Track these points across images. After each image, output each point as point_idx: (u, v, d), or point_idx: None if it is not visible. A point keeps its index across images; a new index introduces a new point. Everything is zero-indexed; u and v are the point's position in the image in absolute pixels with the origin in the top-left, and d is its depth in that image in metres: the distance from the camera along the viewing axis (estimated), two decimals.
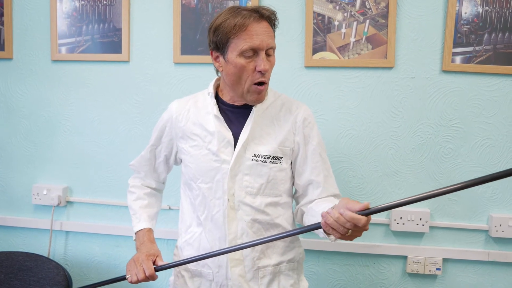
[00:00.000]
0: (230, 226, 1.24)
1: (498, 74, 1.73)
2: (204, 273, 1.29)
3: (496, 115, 1.75)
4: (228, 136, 1.24)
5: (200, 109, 1.31)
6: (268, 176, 1.24)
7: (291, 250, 1.32)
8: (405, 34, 1.76)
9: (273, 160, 1.24)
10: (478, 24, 1.71)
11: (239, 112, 1.27)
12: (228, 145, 1.24)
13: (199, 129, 1.28)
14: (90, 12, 1.92)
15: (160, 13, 1.88)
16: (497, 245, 1.80)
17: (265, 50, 1.16)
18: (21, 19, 1.98)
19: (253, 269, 1.26)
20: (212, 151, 1.25)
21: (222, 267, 1.26)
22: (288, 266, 1.31)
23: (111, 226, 2.00)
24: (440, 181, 1.79)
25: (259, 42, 1.14)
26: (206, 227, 1.28)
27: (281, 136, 1.26)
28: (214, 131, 1.25)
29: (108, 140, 1.97)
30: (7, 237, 2.10)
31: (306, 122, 1.28)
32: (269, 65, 1.18)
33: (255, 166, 1.23)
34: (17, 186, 2.06)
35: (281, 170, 1.26)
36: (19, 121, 2.03)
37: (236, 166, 1.23)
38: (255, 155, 1.23)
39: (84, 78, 1.97)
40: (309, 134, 1.28)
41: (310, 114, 1.31)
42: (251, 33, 1.14)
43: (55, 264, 1.82)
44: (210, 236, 1.27)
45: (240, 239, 1.24)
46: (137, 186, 1.47)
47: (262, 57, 1.16)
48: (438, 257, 1.80)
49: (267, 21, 1.18)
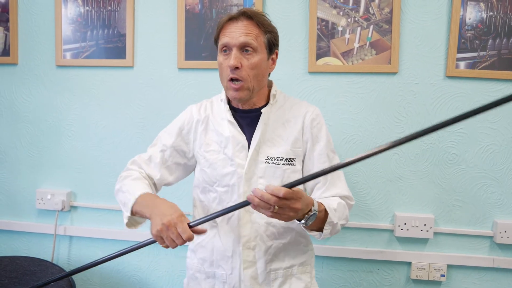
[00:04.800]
0: (244, 228, 1.25)
1: (503, 80, 1.72)
2: (217, 274, 1.29)
3: (501, 120, 1.74)
4: (242, 141, 1.26)
5: (215, 114, 1.33)
6: (282, 178, 1.24)
7: (304, 253, 1.32)
8: (409, 40, 1.76)
9: (286, 162, 1.24)
10: (482, 29, 1.71)
11: (249, 117, 1.28)
12: (243, 149, 1.25)
13: (216, 134, 1.30)
14: (94, 17, 1.93)
15: (164, 18, 1.89)
16: (502, 252, 1.78)
17: (242, 48, 1.19)
18: (26, 24, 2.00)
19: (265, 271, 1.26)
20: (228, 155, 1.26)
21: (235, 269, 1.26)
22: (300, 269, 1.31)
23: (115, 231, 2.00)
24: (444, 186, 1.78)
25: (229, 39, 1.19)
26: (221, 229, 1.28)
27: (292, 137, 1.26)
28: (229, 136, 1.27)
29: (112, 145, 1.98)
30: (11, 242, 2.11)
31: (314, 122, 1.28)
32: (237, 62, 1.18)
33: (268, 168, 1.24)
34: (21, 191, 2.07)
35: (294, 171, 1.26)
36: (24, 126, 2.04)
37: (250, 169, 1.24)
38: (268, 158, 1.24)
39: (89, 83, 1.98)
40: (317, 135, 1.28)
41: (318, 115, 1.31)
42: (225, 31, 1.21)
43: (58, 269, 1.82)
44: (225, 238, 1.27)
45: (254, 242, 1.25)
46: (133, 172, 1.32)
47: (233, 53, 1.19)
48: (442, 263, 1.79)
49: (247, 19, 1.20)
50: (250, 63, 1.20)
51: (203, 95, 1.90)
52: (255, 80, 1.22)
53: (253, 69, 1.20)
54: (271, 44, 1.25)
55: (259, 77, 1.23)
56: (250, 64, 1.20)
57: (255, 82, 1.22)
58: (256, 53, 1.21)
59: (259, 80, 1.24)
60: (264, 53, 1.23)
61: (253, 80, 1.21)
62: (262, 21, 1.22)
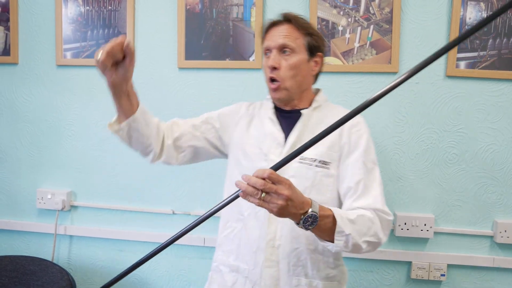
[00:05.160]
0: (270, 226, 1.23)
1: (503, 79, 1.72)
2: (241, 269, 1.28)
3: (501, 120, 1.74)
4: (279, 138, 1.26)
5: (261, 112, 1.36)
6: (314, 179, 1.22)
7: (334, 267, 1.26)
8: (409, 39, 1.76)
9: (320, 164, 1.22)
10: (483, 29, 1.71)
11: (290, 117, 1.29)
12: (279, 146, 1.26)
13: (256, 130, 1.32)
14: (95, 17, 1.93)
15: (165, 18, 1.89)
16: (502, 251, 1.78)
17: (281, 49, 1.24)
18: (27, 24, 2.00)
19: (288, 274, 1.23)
20: (263, 151, 1.27)
21: (257, 266, 1.24)
22: (326, 284, 1.25)
23: (115, 231, 2.00)
24: (445, 186, 1.78)
25: (270, 42, 1.26)
26: (248, 224, 1.26)
27: (329, 140, 1.23)
28: (268, 133, 1.28)
29: (112, 145, 1.98)
30: (11, 241, 2.11)
31: (354, 129, 1.25)
32: (275, 62, 1.23)
33: (301, 168, 1.22)
34: (22, 191, 2.07)
35: (327, 175, 1.23)
36: (24, 125, 2.04)
37: (282, 167, 1.22)
38: (302, 157, 1.22)
39: (89, 83, 1.97)
40: (356, 142, 1.24)
41: (360, 122, 1.27)
42: (268, 36, 1.29)
43: (59, 269, 1.83)
44: (251, 233, 1.25)
45: (278, 241, 1.22)
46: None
47: (272, 55, 1.25)
48: (442, 263, 1.79)
49: (287, 23, 1.26)
50: (288, 63, 1.23)
51: (203, 95, 1.90)
52: (293, 81, 1.24)
53: (291, 70, 1.23)
54: (311, 47, 1.26)
55: (298, 78, 1.25)
56: (288, 64, 1.23)
57: (294, 82, 1.24)
58: (295, 54, 1.23)
59: (299, 81, 1.25)
60: (303, 55, 1.25)
61: (291, 81, 1.24)
62: (301, 24, 1.26)
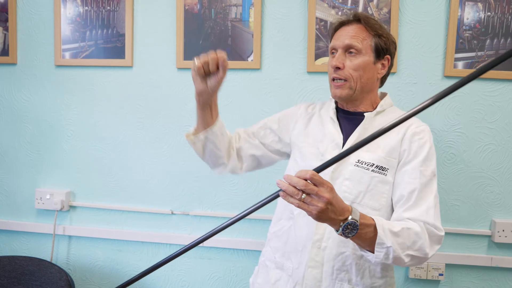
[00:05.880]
0: (318, 226, 1.20)
1: (501, 80, 1.73)
2: (285, 266, 1.27)
3: (499, 120, 1.75)
4: (337, 139, 1.25)
5: (322, 112, 1.35)
6: (369, 184, 1.18)
7: (380, 278, 1.22)
8: (407, 40, 1.77)
9: (377, 169, 1.19)
10: (480, 29, 1.72)
11: (352, 119, 1.27)
12: (336, 147, 1.24)
13: (315, 129, 1.32)
14: (93, 17, 1.93)
15: (164, 18, 1.90)
16: (500, 251, 1.79)
17: (347, 49, 1.23)
18: (25, 24, 2.00)
19: (332, 277, 1.20)
20: (320, 150, 1.26)
21: (301, 265, 1.22)
22: None
23: (114, 231, 2.00)
24: (443, 186, 1.79)
25: (337, 42, 1.25)
26: (297, 222, 1.25)
27: (389, 146, 1.20)
28: (327, 133, 1.27)
29: (111, 145, 1.98)
30: (10, 242, 2.11)
31: (416, 136, 1.20)
32: (339, 62, 1.22)
33: (356, 171, 1.19)
34: (20, 191, 2.07)
35: (383, 182, 1.18)
36: (23, 125, 2.04)
37: (338, 169, 1.21)
38: (359, 161, 1.20)
39: (88, 83, 1.98)
40: (417, 150, 1.19)
41: (424, 131, 1.22)
42: (336, 35, 1.27)
43: (57, 269, 1.83)
44: (299, 232, 1.24)
45: (325, 243, 1.20)
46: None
47: (337, 54, 1.24)
48: (441, 262, 1.80)
49: (356, 22, 1.24)
50: (353, 64, 1.21)
51: None
52: (358, 81, 1.22)
53: (356, 70, 1.21)
54: (379, 48, 1.23)
55: (363, 79, 1.22)
56: (353, 65, 1.21)
57: (359, 83, 1.22)
58: (360, 55, 1.21)
59: (364, 82, 1.23)
60: (370, 56, 1.22)
61: (356, 81, 1.22)
62: (371, 24, 1.22)
